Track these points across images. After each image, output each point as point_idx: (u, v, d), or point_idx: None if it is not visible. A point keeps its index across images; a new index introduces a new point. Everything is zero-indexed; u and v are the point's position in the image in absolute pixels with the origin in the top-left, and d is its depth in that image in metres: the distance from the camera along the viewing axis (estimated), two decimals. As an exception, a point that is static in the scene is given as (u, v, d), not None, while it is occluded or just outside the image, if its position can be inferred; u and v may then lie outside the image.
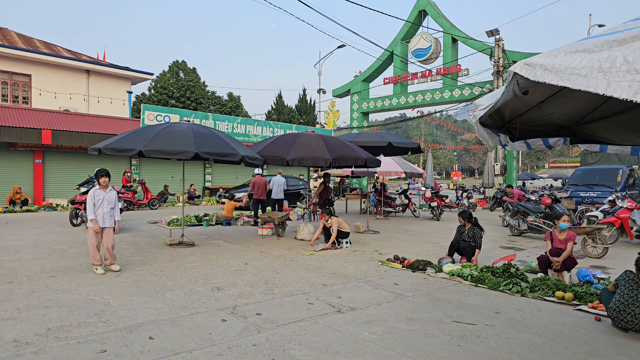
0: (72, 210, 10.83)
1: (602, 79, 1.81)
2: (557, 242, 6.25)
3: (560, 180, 34.79)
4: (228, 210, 12.03)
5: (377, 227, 11.83)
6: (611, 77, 1.78)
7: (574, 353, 3.61)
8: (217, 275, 6.05)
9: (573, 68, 1.96)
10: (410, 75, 23.40)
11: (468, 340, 3.83)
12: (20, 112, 16.89)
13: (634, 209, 9.26)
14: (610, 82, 1.78)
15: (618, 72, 1.75)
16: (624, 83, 1.72)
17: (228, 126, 20.62)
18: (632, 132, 3.93)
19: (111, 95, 24.93)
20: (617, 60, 1.77)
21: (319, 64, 31.65)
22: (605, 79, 1.80)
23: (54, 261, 6.77)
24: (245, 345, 3.62)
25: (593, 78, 1.85)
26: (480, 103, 3.69)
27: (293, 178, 18.84)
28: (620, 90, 1.72)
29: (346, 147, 9.46)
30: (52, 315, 4.25)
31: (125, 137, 7.52)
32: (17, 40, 23.75)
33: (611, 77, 1.78)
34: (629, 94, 1.71)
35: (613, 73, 1.78)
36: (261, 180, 12.00)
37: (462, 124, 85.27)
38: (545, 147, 4.46)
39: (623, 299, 4.06)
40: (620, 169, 14.85)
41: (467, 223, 7.20)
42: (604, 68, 1.82)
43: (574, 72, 1.95)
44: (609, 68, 1.80)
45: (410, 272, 6.52)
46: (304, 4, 10.84)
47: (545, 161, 75.04)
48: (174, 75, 37.11)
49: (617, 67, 1.77)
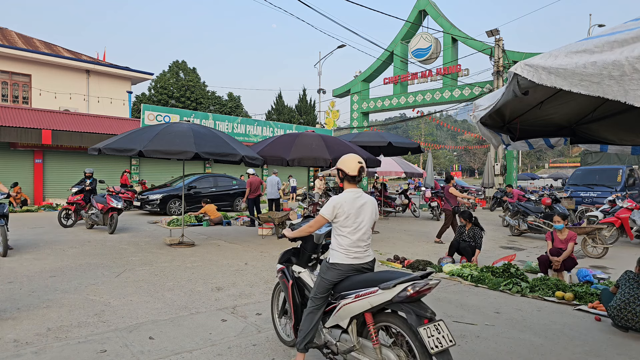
0: (62, 211, 10.79)
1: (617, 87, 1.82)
2: (558, 242, 6.25)
3: (560, 180, 34.76)
4: (211, 212, 12.04)
5: (377, 227, 11.83)
6: (627, 86, 1.79)
7: (574, 353, 3.61)
8: (217, 275, 6.05)
9: (581, 74, 1.96)
10: (410, 75, 23.38)
11: (468, 340, 3.83)
12: (20, 112, 16.88)
13: (634, 209, 9.25)
14: (627, 90, 1.79)
15: (631, 80, 1.76)
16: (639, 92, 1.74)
17: (228, 126, 20.61)
18: (632, 132, 3.94)
19: (111, 95, 24.92)
20: (626, 68, 1.77)
21: (319, 64, 31.65)
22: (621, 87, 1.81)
23: (54, 261, 6.77)
24: (245, 345, 3.62)
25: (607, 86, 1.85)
26: (481, 103, 3.69)
27: (226, 177, 16.84)
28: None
29: (346, 147, 9.45)
30: (52, 315, 4.25)
31: (125, 137, 7.52)
32: (17, 40, 23.74)
33: (627, 86, 1.79)
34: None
35: (627, 81, 1.79)
36: (256, 180, 12.05)
37: (462, 124, 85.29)
38: (547, 146, 4.46)
39: (624, 297, 4.07)
40: (620, 169, 14.85)
41: (467, 223, 7.20)
42: (614, 76, 1.82)
43: (584, 78, 1.95)
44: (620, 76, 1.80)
45: (410, 272, 6.51)
46: (304, 4, 10.83)
47: (545, 161, 75.05)
48: (174, 75, 37.11)
49: (628, 75, 1.77)
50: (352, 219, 2.89)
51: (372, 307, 2.63)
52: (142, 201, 14.53)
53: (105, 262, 6.77)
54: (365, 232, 2.94)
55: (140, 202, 14.57)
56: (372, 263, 2.97)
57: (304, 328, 2.95)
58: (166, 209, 14.33)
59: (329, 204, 2.90)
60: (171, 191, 14.82)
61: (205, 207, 12.18)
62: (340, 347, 2.87)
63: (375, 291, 2.60)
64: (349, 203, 2.89)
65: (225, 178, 16.73)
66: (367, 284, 2.72)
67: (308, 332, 2.93)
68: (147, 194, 14.73)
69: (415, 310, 2.46)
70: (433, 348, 2.33)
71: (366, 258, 2.93)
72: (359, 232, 2.90)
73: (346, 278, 2.89)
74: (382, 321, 2.67)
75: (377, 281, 2.66)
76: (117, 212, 10.15)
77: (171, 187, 15.13)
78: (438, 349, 2.33)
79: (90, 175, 11.06)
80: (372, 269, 2.99)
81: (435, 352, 2.33)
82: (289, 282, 3.33)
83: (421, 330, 2.36)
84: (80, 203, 10.85)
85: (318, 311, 2.94)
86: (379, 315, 2.69)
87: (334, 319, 2.88)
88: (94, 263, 6.70)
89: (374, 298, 2.60)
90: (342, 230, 2.90)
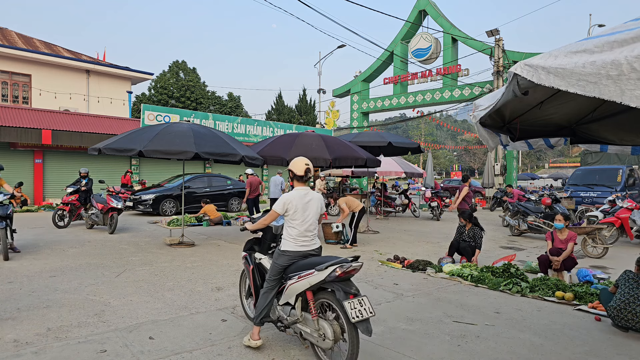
0: (56, 211, 10.64)
1: (614, 86, 1.81)
2: (558, 242, 6.25)
3: (560, 180, 34.73)
4: (211, 212, 12.04)
5: (377, 227, 11.83)
6: (624, 86, 1.78)
7: (574, 353, 3.61)
8: (217, 275, 6.05)
9: (579, 73, 1.96)
10: (410, 75, 23.38)
11: (468, 340, 3.83)
12: (20, 112, 16.88)
13: (634, 209, 9.25)
14: (624, 90, 1.78)
15: (629, 80, 1.76)
16: (637, 92, 1.74)
17: (228, 126, 20.61)
18: (632, 132, 3.93)
19: (111, 95, 24.92)
20: (624, 67, 1.76)
21: (319, 64, 31.65)
22: (618, 87, 1.80)
23: (54, 261, 6.77)
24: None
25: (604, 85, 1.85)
26: (481, 103, 3.69)
27: (221, 177, 16.70)
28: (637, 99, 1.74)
29: (346, 147, 9.45)
30: (52, 315, 4.25)
31: (125, 137, 7.52)
32: (17, 40, 23.74)
33: (624, 86, 1.78)
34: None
35: (624, 81, 1.78)
36: (255, 180, 12.06)
37: (462, 124, 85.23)
38: (547, 146, 4.45)
39: (624, 297, 4.07)
40: (620, 169, 14.84)
41: (467, 223, 7.20)
42: (612, 75, 1.81)
43: (582, 77, 1.95)
44: (617, 76, 1.79)
45: (410, 272, 6.52)
46: (304, 4, 10.83)
47: (545, 161, 75.01)
48: (174, 75, 37.10)
49: (626, 74, 1.77)
50: (300, 213, 3.38)
51: (311, 286, 3.19)
52: (135, 201, 14.24)
53: (105, 262, 6.77)
54: (312, 223, 3.45)
55: (133, 202, 14.26)
56: (318, 250, 3.50)
57: (260, 305, 3.48)
58: (159, 209, 14.09)
59: (279, 201, 3.40)
60: (164, 191, 14.52)
61: (205, 207, 12.18)
62: (289, 321, 3.40)
63: (312, 273, 3.16)
64: (297, 199, 3.39)
65: (220, 178, 16.52)
66: (309, 267, 3.23)
67: (263, 308, 3.45)
68: (140, 194, 14.48)
69: (343, 288, 3.06)
70: (354, 318, 2.90)
71: (313, 245, 3.45)
72: (306, 224, 3.40)
73: (294, 262, 3.38)
74: (320, 298, 3.23)
75: (317, 264, 3.17)
76: (117, 212, 10.15)
77: (164, 187, 14.82)
78: (359, 318, 2.91)
79: (86, 175, 10.92)
80: (318, 255, 3.48)
81: (356, 321, 2.90)
82: (250, 267, 3.84)
83: (345, 304, 2.94)
84: (75, 203, 10.69)
85: (272, 291, 3.47)
86: (318, 293, 3.25)
87: (284, 297, 3.43)
88: (94, 263, 6.71)
89: (312, 278, 3.16)
90: (291, 222, 3.39)
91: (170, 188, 14.73)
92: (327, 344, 3.09)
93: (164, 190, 14.63)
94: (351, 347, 2.98)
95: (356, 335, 2.98)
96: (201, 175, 16.41)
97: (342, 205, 8.68)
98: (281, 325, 3.53)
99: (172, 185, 15.02)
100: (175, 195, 14.56)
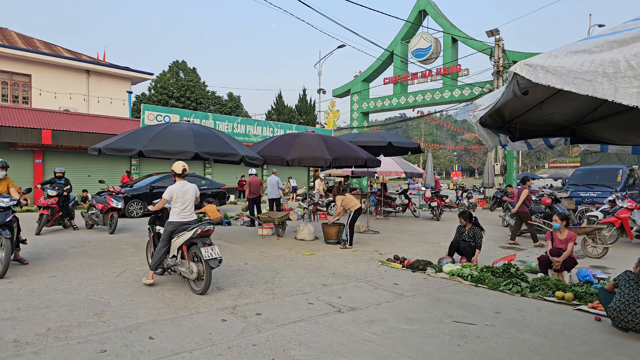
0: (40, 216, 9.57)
1: (608, 84, 1.81)
2: (558, 242, 6.25)
3: (560, 180, 34.73)
4: (212, 212, 12.03)
5: (377, 227, 11.83)
6: (618, 83, 1.77)
7: (574, 353, 3.61)
8: (217, 275, 6.05)
9: (576, 72, 1.96)
10: (410, 75, 23.38)
11: (468, 340, 3.83)
12: (20, 112, 16.88)
13: (634, 209, 9.25)
14: (617, 88, 1.77)
15: (624, 77, 1.75)
16: (631, 89, 1.73)
17: (228, 126, 20.62)
18: (632, 132, 3.93)
19: (111, 95, 24.92)
20: (621, 65, 1.76)
21: (319, 64, 31.66)
22: (612, 84, 1.79)
23: (54, 261, 6.77)
24: (245, 345, 3.62)
25: (599, 83, 1.84)
26: (480, 103, 3.69)
27: (195, 177, 15.75)
28: (629, 97, 1.73)
29: (346, 147, 9.45)
30: (52, 315, 4.25)
31: (125, 137, 7.52)
32: (17, 40, 23.74)
33: (618, 83, 1.77)
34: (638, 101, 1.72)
35: (619, 78, 1.77)
36: (256, 180, 12.06)
37: (462, 124, 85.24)
38: (547, 146, 4.45)
39: (624, 298, 4.06)
40: (620, 169, 14.84)
41: (467, 223, 7.20)
42: (608, 73, 1.81)
43: (578, 76, 1.94)
44: (613, 73, 1.79)
45: (410, 272, 6.52)
46: (304, 4, 10.84)
47: (545, 161, 75.05)
48: (174, 75, 37.11)
49: (622, 72, 1.76)
50: (181, 198, 5.30)
51: (184, 242, 5.12)
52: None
53: (105, 262, 6.77)
54: (189, 204, 5.37)
55: None
56: (193, 221, 5.36)
57: (155, 257, 5.37)
58: (125, 210, 12.95)
59: (167, 191, 5.28)
60: (131, 191, 13.47)
61: (205, 207, 12.17)
62: (173, 265, 5.32)
63: (184, 233, 5.14)
64: (178, 189, 5.31)
65: (194, 178, 15.45)
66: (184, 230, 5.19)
67: (158, 259, 5.34)
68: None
69: (202, 240, 5.05)
70: (206, 257, 4.87)
71: (189, 218, 5.38)
72: (185, 205, 5.33)
73: (177, 229, 5.27)
74: (192, 250, 5.12)
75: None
76: (117, 212, 10.14)
77: (131, 188, 13.78)
78: (210, 257, 4.88)
79: (62, 175, 9.89)
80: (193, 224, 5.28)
81: (207, 259, 4.87)
82: (151, 234, 5.91)
83: (202, 249, 4.92)
84: (55, 207, 9.66)
85: (163, 248, 5.34)
86: (191, 247, 5.15)
87: (171, 251, 5.33)
88: (94, 263, 6.71)
89: (184, 236, 5.13)
90: (175, 204, 5.31)
91: (137, 188, 13.79)
92: (194, 277, 5.01)
93: (131, 190, 13.56)
94: (207, 277, 4.91)
95: (208, 268, 4.90)
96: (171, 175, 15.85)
97: (338, 202, 8.72)
98: (169, 269, 5.46)
99: (139, 184, 14.13)
100: (142, 195, 13.60)
